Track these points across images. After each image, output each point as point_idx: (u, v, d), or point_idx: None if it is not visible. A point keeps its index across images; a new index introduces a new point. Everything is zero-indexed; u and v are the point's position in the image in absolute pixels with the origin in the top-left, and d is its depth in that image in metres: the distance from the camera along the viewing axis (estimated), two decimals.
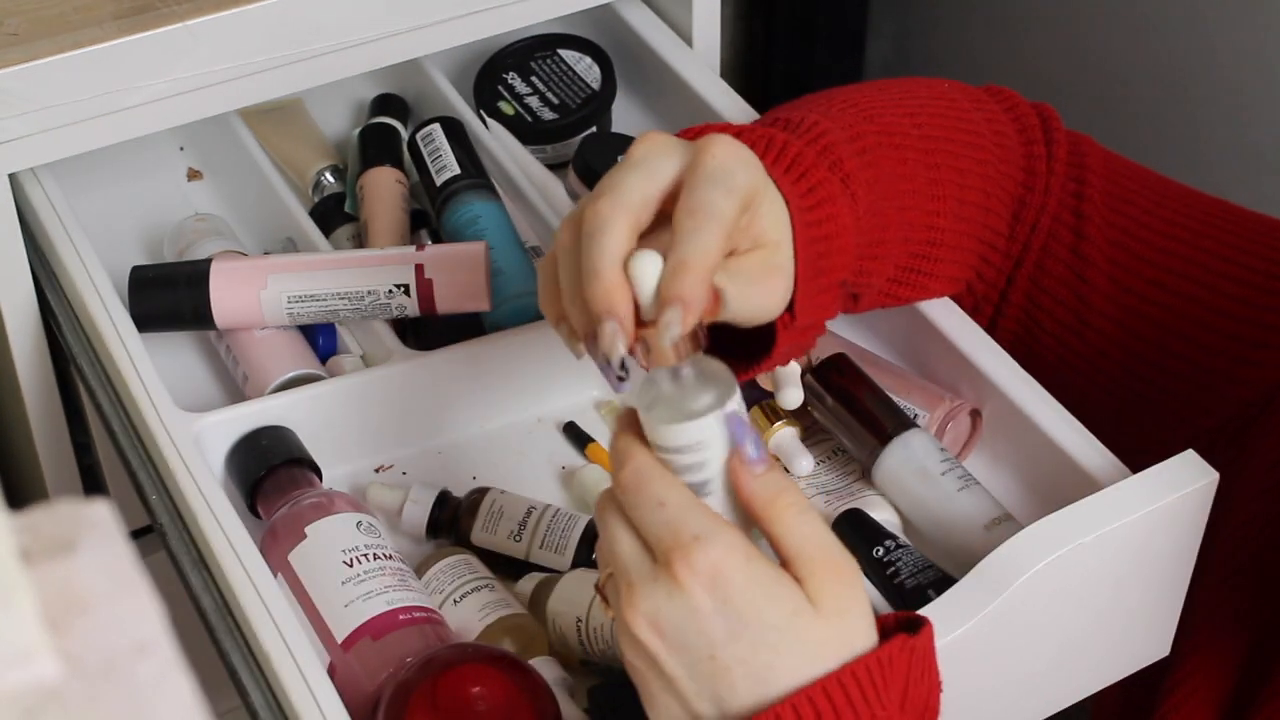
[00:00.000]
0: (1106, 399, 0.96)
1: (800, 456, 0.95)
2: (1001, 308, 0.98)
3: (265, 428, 0.94)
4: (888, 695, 0.68)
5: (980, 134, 0.95)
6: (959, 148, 0.93)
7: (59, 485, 1.15)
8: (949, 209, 0.92)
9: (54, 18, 0.98)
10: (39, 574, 0.44)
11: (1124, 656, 0.92)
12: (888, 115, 0.91)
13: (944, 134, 0.93)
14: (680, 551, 0.67)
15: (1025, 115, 0.98)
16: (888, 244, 0.89)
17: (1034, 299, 0.97)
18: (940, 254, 0.93)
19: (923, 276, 0.93)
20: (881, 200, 0.87)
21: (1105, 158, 0.98)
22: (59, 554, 0.44)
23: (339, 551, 0.86)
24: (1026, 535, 0.82)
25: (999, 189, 0.95)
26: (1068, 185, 0.96)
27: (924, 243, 0.92)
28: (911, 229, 0.91)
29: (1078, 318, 0.95)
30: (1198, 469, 0.85)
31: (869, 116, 0.90)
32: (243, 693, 0.83)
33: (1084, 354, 0.96)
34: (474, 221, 1.05)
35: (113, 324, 0.97)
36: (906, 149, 0.90)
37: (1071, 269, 0.95)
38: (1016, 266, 0.97)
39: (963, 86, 0.98)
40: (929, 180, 0.91)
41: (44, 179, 1.05)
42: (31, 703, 0.41)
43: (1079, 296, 0.95)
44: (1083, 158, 0.97)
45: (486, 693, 0.78)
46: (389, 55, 1.06)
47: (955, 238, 0.93)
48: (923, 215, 0.91)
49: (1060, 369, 0.97)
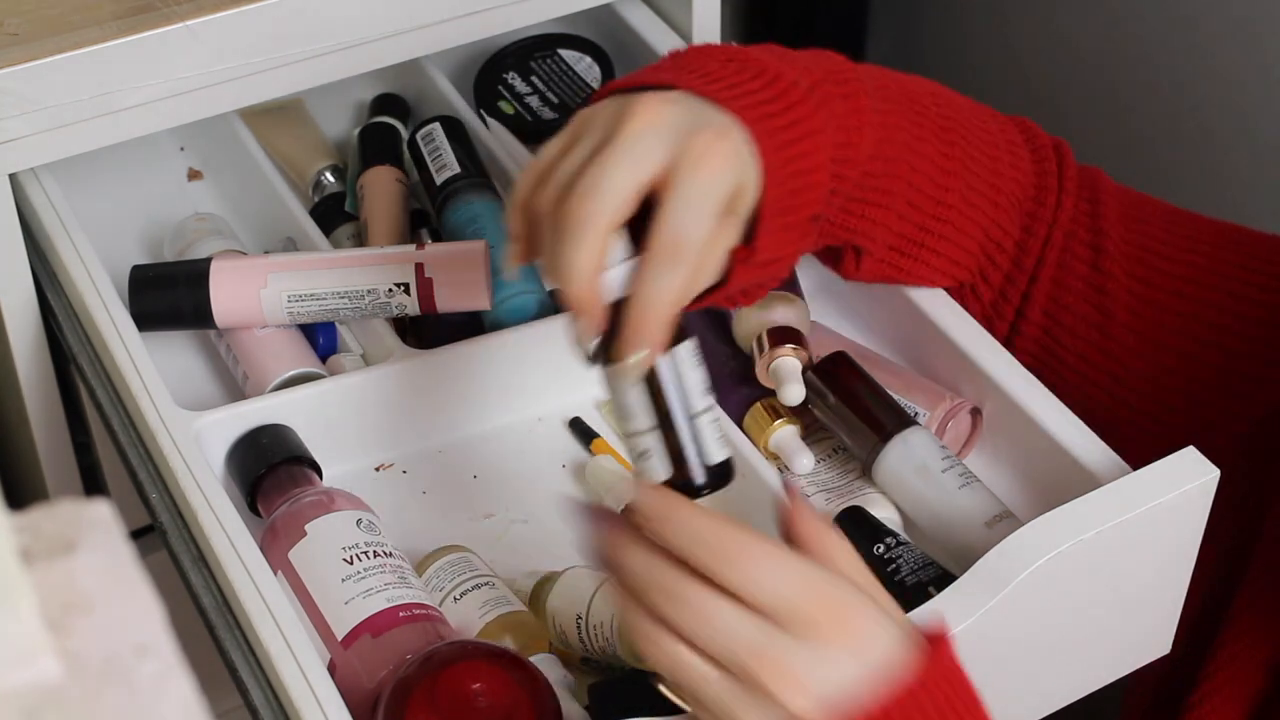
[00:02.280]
0: (1130, 412, 0.96)
1: (800, 454, 0.95)
2: (1019, 325, 0.98)
3: (265, 426, 0.94)
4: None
5: (993, 133, 0.95)
6: (974, 135, 0.94)
7: (59, 485, 1.15)
8: (958, 187, 0.92)
9: (54, 18, 0.98)
10: (39, 574, 0.44)
11: (1124, 653, 0.92)
12: (910, 85, 0.92)
13: (961, 118, 0.94)
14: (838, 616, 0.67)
15: (1040, 140, 0.98)
16: (894, 195, 0.89)
17: (1053, 315, 0.97)
18: (946, 231, 0.93)
19: (926, 251, 0.93)
20: (893, 148, 0.88)
21: (1117, 187, 0.99)
22: (59, 554, 0.44)
23: (339, 549, 0.86)
24: (1027, 532, 0.82)
25: (1008, 187, 0.95)
26: (1081, 205, 0.97)
27: (932, 216, 0.92)
28: (920, 194, 0.91)
29: (1100, 331, 0.95)
30: (1198, 465, 0.85)
31: (895, 79, 0.91)
32: (243, 691, 0.83)
33: (1108, 368, 0.96)
34: (474, 220, 1.05)
35: (113, 323, 0.97)
36: (925, 116, 0.91)
37: (1091, 284, 0.95)
38: (1032, 282, 0.97)
39: (972, 99, 0.99)
40: (942, 153, 0.91)
41: (44, 179, 1.05)
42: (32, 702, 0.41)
43: (1100, 310, 0.95)
44: (1095, 180, 0.98)
45: (486, 690, 0.78)
46: (389, 55, 1.06)
47: (962, 219, 0.93)
48: (933, 186, 0.91)
49: (1084, 384, 0.97)
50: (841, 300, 1.05)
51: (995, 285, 0.97)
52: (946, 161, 0.92)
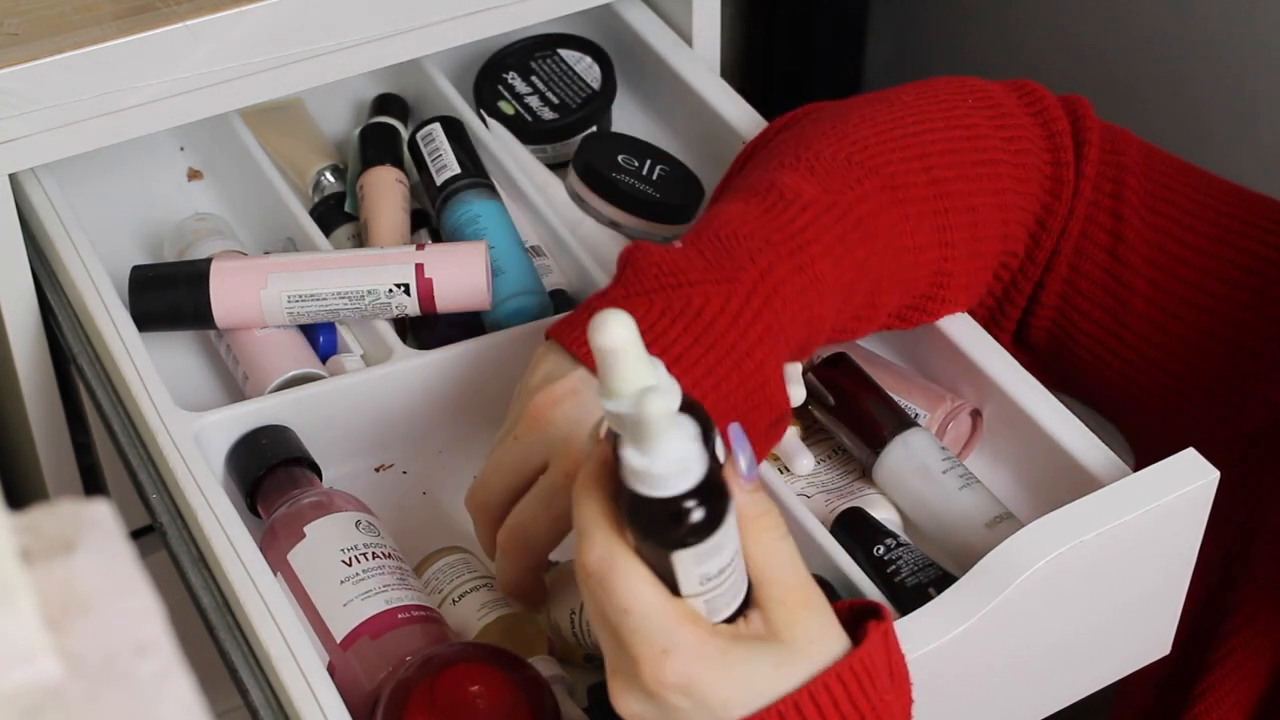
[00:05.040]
0: (1147, 400, 0.96)
1: (801, 455, 0.95)
2: (1034, 309, 0.97)
3: (265, 427, 0.94)
4: (879, 681, 0.71)
5: (998, 163, 0.93)
6: (973, 185, 0.92)
7: (59, 485, 1.15)
8: (960, 252, 0.92)
9: (54, 18, 0.98)
10: (39, 574, 0.44)
11: (1124, 655, 0.92)
12: (895, 161, 0.90)
13: (956, 173, 0.92)
14: (650, 666, 0.67)
15: (1054, 119, 0.96)
16: (878, 307, 0.90)
17: (1070, 300, 0.96)
18: (949, 295, 0.93)
19: (935, 303, 0.93)
20: (876, 266, 0.88)
21: (1145, 153, 0.97)
22: (59, 554, 0.44)
23: (338, 550, 0.86)
24: (1027, 533, 0.82)
25: (1018, 213, 0.94)
26: (1102, 185, 0.95)
27: (931, 285, 0.92)
28: (913, 283, 0.91)
29: (1115, 319, 0.95)
30: (1198, 467, 0.85)
31: (874, 168, 0.90)
32: (243, 692, 0.83)
33: (1123, 355, 0.95)
34: (474, 221, 1.05)
35: (113, 323, 0.97)
36: (910, 203, 0.90)
37: (1108, 271, 0.95)
38: (1046, 270, 0.96)
39: (984, 93, 0.96)
40: (936, 228, 0.91)
41: (44, 179, 1.05)
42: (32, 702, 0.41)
43: (1116, 298, 0.95)
44: (1119, 156, 0.96)
45: (485, 691, 0.78)
46: (389, 55, 1.06)
47: (967, 276, 0.93)
48: (929, 269, 0.91)
49: (1098, 370, 0.97)
50: None
51: (1006, 280, 0.97)
52: (942, 234, 0.91)
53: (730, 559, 0.67)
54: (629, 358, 0.63)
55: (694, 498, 0.64)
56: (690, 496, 0.64)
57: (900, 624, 0.79)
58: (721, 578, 0.67)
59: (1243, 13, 1.49)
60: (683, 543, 0.65)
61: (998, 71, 1.76)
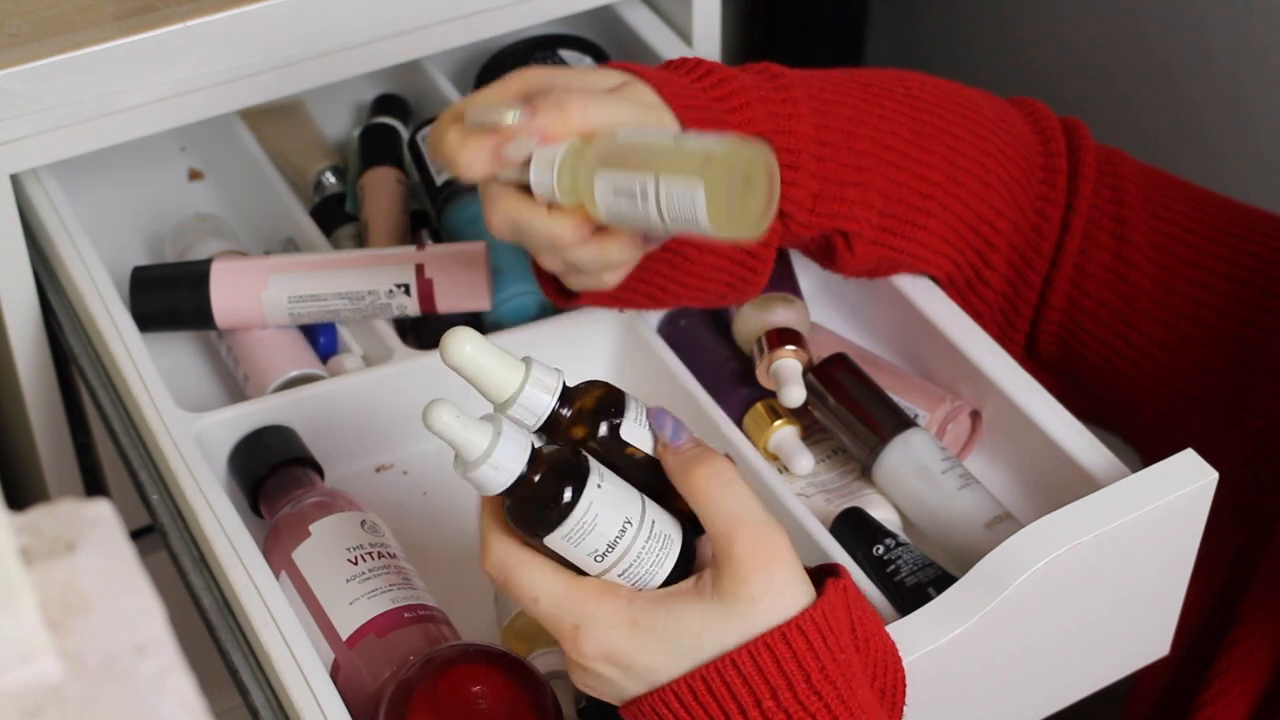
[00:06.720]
0: (1156, 403, 0.96)
1: (800, 455, 0.95)
2: (1042, 311, 0.98)
3: (267, 427, 0.94)
4: (839, 639, 0.70)
5: (981, 113, 0.95)
6: (952, 113, 0.94)
7: (60, 485, 1.15)
8: (939, 164, 0.93)
9: (55, 18, 0.98)
10: (40, 574, 0.44)
11: (1124, 655, 0.92)
12: (871, 74, 0.94)
13: (935, 99, 0.94)
14: (569, 644, 0.70)
15: (1047, 123, 0.98)
16: (869, 172, 0.90)
17: (1076, 302, 0.97)
18: (934, 208, 0.93)
19: (917, 229, 0.93)
20: (845, 124, 0.89)
21: (1141, 169, 0.99)
22: (60, 554, 0.44)
23: (343, 549, 0.86)
24: (1026, 534, 0.82)
25: (999, 166, 0.95)
26: (1102, 191, 0.96)
27: (918, 193, 0.92)
28: (899, 170, 0.92)
29: (1122, 320, 0.95)
30: (1197, 468, 0.85)
31: (851, 72, 0.93)
32: (244, 692, 0.83)
33: (1130, 356, 0.96)
34: (474, 221, 1.05)
35: (114, 324, 0.97)
36: (887, 96, 0.92)
37: (1114, 272, 0.95)
38: (1053, 268, 0.97)
39: (984, 92, 0.99)
40: (914, 130, 0.92)
41: (45, 179, 1.05)
42: (32, 702, 0.41)
43: (1123, 299, 0.95)
44: (1117, 168, 0.98)
45: (487, 691, 0.78)
46: (389, 55, 1.07)
47: (949, 197, 0.93)
48: (910, 162, 0.92)
49: (1108, 374, 0.97)
50: (841, 302, 1.05)
51: (1003, 272, 0.97)
52: (921, 139, 0.92)
53: (621, 529, 0.69)
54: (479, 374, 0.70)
55: (519, 490, 0.68)
56: (514, 490, 0.68)
57: (900, 624, 0.80)
58: (620, 548, 0.69)
59: (1241, 8, 1.49)
60: (543, 528, 0.69)
61: (996, 72, 1.76)
